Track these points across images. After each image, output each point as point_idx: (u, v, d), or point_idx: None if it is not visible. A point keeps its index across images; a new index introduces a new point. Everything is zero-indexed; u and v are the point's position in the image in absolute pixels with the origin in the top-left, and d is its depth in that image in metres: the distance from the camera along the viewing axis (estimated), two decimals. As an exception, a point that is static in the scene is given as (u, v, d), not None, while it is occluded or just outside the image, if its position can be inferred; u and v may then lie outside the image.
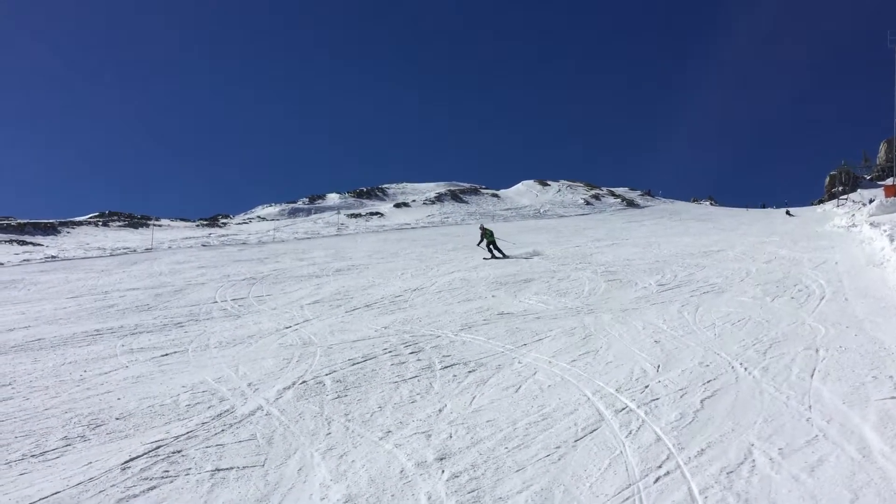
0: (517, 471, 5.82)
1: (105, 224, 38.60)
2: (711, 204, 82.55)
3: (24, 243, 29.87)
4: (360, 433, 7.00)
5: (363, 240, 36.13)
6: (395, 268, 22.86)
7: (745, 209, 68.85)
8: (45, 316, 15.38)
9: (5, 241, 29.75)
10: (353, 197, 62.09)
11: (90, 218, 41.08)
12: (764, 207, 74.75)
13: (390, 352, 10.66)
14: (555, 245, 30.16)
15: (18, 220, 35.83)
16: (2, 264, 24.17)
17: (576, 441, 6.45)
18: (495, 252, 24.65)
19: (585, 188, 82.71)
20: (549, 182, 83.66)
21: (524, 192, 78.59)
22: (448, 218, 50.88)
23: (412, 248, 30.12)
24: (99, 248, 29.62)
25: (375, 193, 64.28)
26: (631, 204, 75.47)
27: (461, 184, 73.09)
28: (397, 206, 57.91)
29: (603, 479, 5.56)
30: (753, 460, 5.73)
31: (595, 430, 6.74)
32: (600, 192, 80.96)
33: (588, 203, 72.78)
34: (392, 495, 5.44)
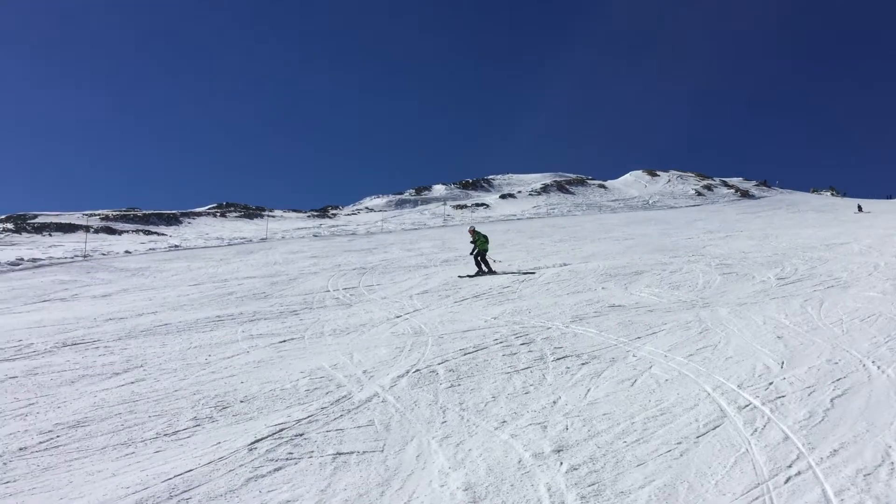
0: (638, 465, 5.71)
1: (223, 215, 40.26)
2: (833, 195, 78.49)
3: (149, 233, 31.52)
4: (475, 422, 7.03)
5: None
6: (502, 259, 22.84)
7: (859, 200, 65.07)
8: (170, 302, 16.14)
9: (132, 231, 31.49)
10: (459, 188, 62.38)
11: (209, 209, 42.93)
12: (889, 198, 70.65)
13: (501, 342, 10.66)
14: (665, 237, 29.44)
15: (144, 212, 37.85)
16: (130, 253, 25.58)
17: (698, 437, 6.28)
18: (483, 266, 19.73)
19: (697, 178, 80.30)
20: (658, 172, 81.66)
21: (632, 182, 77.00)
22: (554, 209, 50.43)
23: (518, 240, 30.04)
24: (217, 238, 30.92)
25: (481, 184, 64.38)
26: (745, 195, 72.78)
27: (567, 174, 72.29)
28: (503, 196, 57.84)
29: (729, 478, 5.39)
30: (892, 462, 5.43)
31: (717, 426, 6.54)
32: (712, 182, 78.44)
33: (699, 194, 70.67)
34: (511, 485, 5.44)
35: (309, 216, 42.97)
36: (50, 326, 13.18)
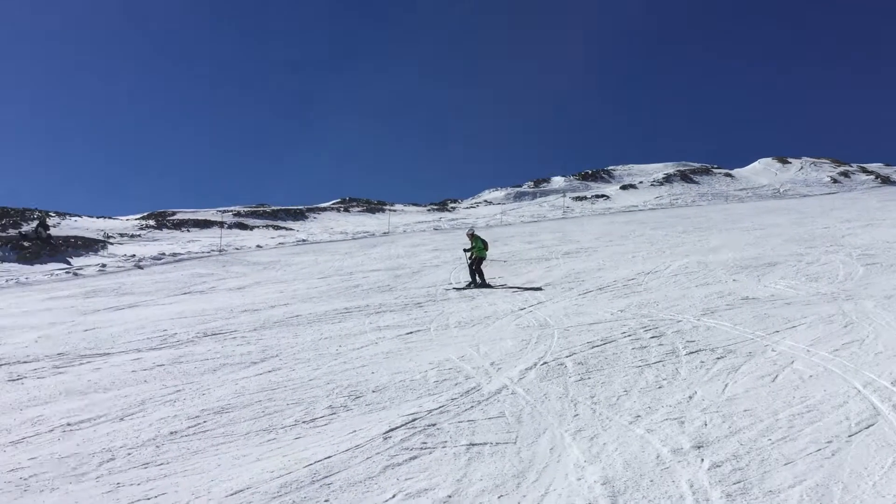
0: (786, 464, 5.44)
1: (346, 210, 41.37)
2: None
3: (278, 228, 32.76)
4: (608, 416, 6.90)
5: (589, 223, 35.77)
6: (625, 251, 22.38)
7: None
8: (299, 294, 16.68)
9: (262, 227, 32.81)
10: (578, 179, 61.57)
11: (333, 204, 44.20)
12: None
13: (629, 335, 10.43)
14: (798, 226, 28.04)
15: (272, 207, 39.38)
16: (261, 247, 26.65)
17: (850, 436, 5.93)
18: (477, 277, 17.27)
19: (832, 165, 76.04)
20: (789, 159, 77.84)
21: (761, 170, 73.71)
22: (678, 199, 49.00)
23: (641, 231, 29.34)
24: (342, 232, 31.80)
25: (601, 175, 63.30)
26: (886, 181, 68.31)
27: (691, 163, 70.00)
28: (623, 188, 56.68)
29: (888, 479, 5.06)
30: None
31: (871, 425, 6.16)
32: (849, 168, 74.05)
33: (835, 181, 66.87)
34: (651, 480, 5.30)
35: (429, 210, 43.52)
36: (191, 317, 13.89)
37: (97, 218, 31.74)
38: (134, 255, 23.29)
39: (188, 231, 30.16)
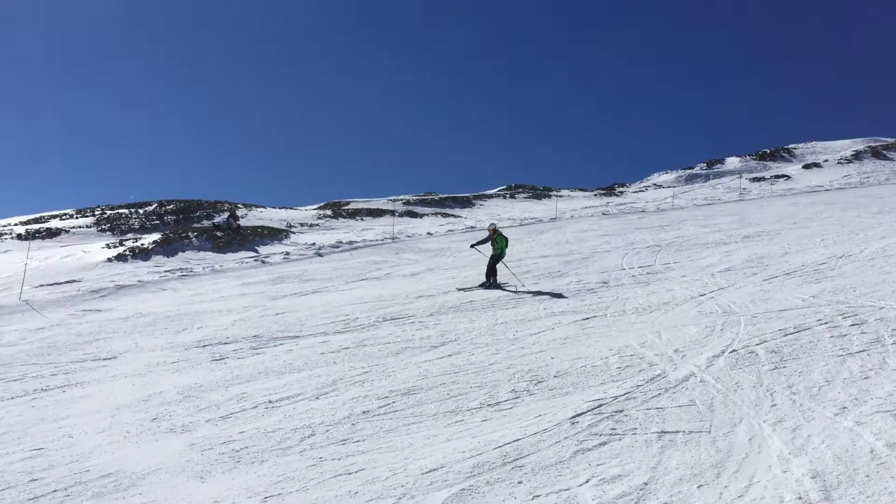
0: None
1: (512, 196, 41.43)
2: None
3: (446, 215, 33.33)
4: (809, 407, 6.49)
5: (769, 204, 33.80)
6: (812, 234, 20.98)
7: None
8: (471, 280, 16.89)
9: (431, 214, 33.49)
10: (755, 159, 58.29)
11: (498, 191, 44.38)
12: None
13: (826, 323, 9.77)
14: None
15: (440, 195, 40.10)
16: (431, 234, 27.23)
17: None
18: (492, 277, 16.04)
19: None
20: None
21: (965, 143, 66.78)
22: (868, 178, 45.33)
23: (829, 212, 27.39)
24: (509, 219, 31.87)
25: (780, 155, 59.59)
26: None
27: (884, 139, 64.52)
28: (806, 167, 53.10)
29: None
30: None
31: None
32: None
33: None
34: (866, 475, 4.94)
35: (595, 195, 42.72)
36: (370, 302, 14.43)
37: (280, 209, 33.64)
38: (314, 244, 24.48)
39: (362, 220, 31.30)
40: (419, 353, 9.90)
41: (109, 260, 20.60)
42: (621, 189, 46.08)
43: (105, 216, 29.76)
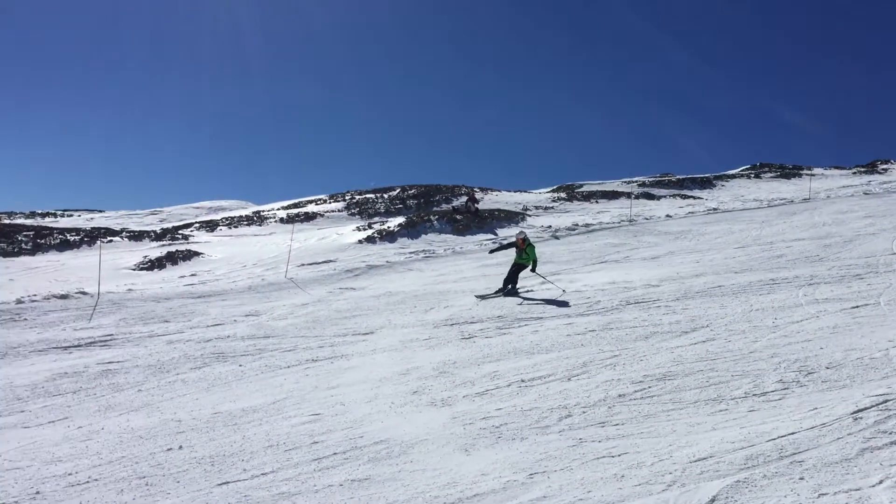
0: None
1: (757, 176, 38.88)
2: None
3: (685, 197, 31.97)
4: None
5: None
6: None
7: None
8: (717, 265, 16.08)
9: (669, 196, 32.31)
10: None
11: (742, 171, 41.88)
12: None
13: None
14: None
15: (677, 177, 38.64)
16: (671, 217, 26.28)
17: None
18: (509, 284, 14.76)
19: None
20: None
21: None
22: None
23: None
24: (755, 200, 29.98)
25: None
26: None
27: None
28: None
29: None
30: None
31: None
32: None
33: None
34: None
35: (854, 173, 38.98)
36: (611, 285, 14.18)
37: (514, 192, 34.09)
38: (550, 226, 24.54)
39: (597, 202, 30.87)
40: (669, 338, 9.57)
41: (360, 242, 21.99)
42: (885, 166, 41.63)
43: (354, 201, 31.82)
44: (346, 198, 33.27)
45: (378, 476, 5.41)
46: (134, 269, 18.92)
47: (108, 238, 23.67)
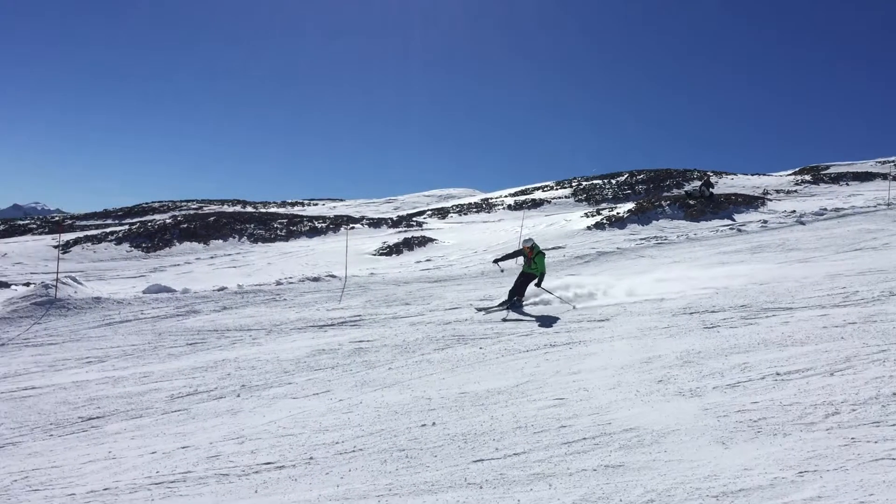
0: None
1: None
2: None
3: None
4: None
5: None
6: None
7: None
8: None
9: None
10: None
11: None
12: None
13: None
14: None
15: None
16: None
17: None
18: (515, 296, 12.89)
19: None
20: None
21: None
22: None
23: None
24: None
25: None
26: None
27: None
28: None
29: None
30: None
31: None
32: None
33: None
34: None
35: None
36: (870, 275, 12.96)
37: (751, 175, 32.18)
38: (794, 211, 22.90)
39: (847, 185, 28.36)
40: (948, 333, 8.56)
41: (588, 228, 21.83)
42: None
43: (581, 187, 31.62)
44: (573, 184, 33.13)
45: (632, 464, 5.31)
46: (374, 255, 20.12)
47: (351, 225, 25.34)
